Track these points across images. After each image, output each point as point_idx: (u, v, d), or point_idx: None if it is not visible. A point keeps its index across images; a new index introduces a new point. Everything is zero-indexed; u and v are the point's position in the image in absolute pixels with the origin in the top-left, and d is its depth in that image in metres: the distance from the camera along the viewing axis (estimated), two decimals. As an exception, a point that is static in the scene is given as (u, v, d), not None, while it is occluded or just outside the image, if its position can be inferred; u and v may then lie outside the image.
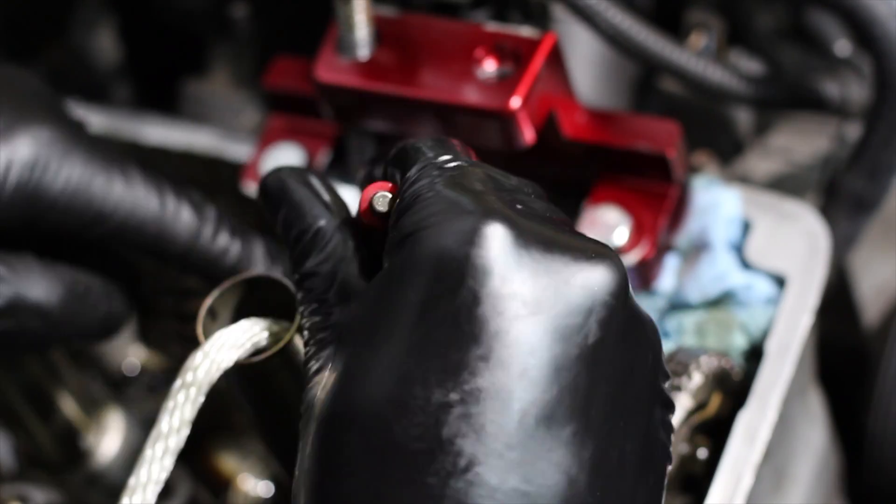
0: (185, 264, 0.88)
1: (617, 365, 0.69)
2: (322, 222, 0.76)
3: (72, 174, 0.84)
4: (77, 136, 0.85)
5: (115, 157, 0.86)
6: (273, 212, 0.78)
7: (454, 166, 0.72)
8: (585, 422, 0.67)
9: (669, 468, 0.71)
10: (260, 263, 0.89)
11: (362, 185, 0.81)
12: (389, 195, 0.75)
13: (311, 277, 0.75)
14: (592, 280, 0.68)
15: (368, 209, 0.75)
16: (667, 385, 0.72)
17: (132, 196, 0.86)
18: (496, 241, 0.67)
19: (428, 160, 0.73)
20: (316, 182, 0.78)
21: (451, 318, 0.67)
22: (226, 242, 0.88)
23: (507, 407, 0.66)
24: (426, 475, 0.65)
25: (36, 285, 0.84)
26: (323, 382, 0.70)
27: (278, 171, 0.79)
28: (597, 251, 0.69)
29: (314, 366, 0.71)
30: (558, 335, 0.67)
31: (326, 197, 0.77)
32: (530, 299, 0.67)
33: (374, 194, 0.75)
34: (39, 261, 0.85)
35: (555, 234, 0.69)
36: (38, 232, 0.85)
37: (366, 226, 0.76)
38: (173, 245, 0.87)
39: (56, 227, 0.85)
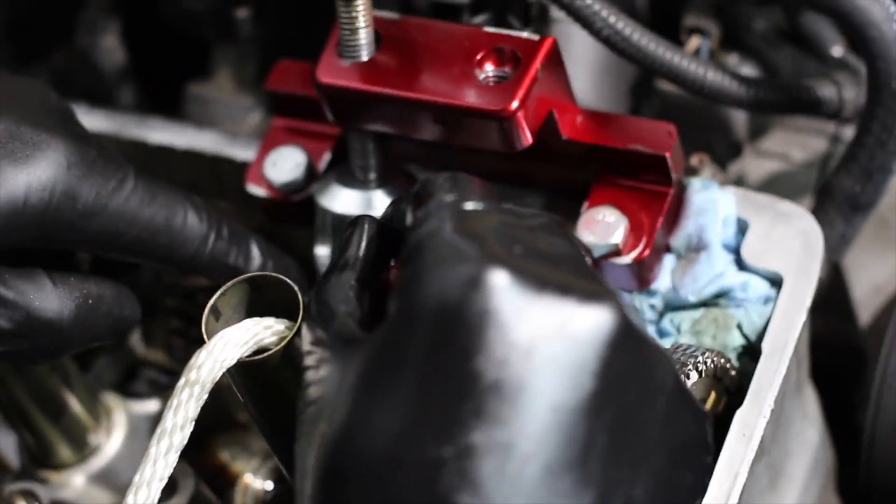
0: (192, 267, 0.89)
1: (618, 413, 0.67)
2: (349, 275, 0.76)
3: (90, 196, 0.84)
4: (93, 155, 0.85)
5: (127, 172, 0.86)
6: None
7: (462, 210, 0.71)
8: (584, 472, 0.66)
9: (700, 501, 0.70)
10: (257, 260, 0.89)
11: (386, 223, 0.81)
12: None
13: (323, 298, 0.75)
14: (585, 329, 0.67)
15: None
16: (704, 423, 0.70)
17: (147, 212, 0.86)
18: (491, 291, 0.66)
19: (440, 201, 0.72)
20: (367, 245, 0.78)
21: (445, 373, 0.66)
22: (227, 243, 0.89)
23: (501, 461, 0.65)
24: None
25: (48, 303, 0.84)
26: (320, 434, 0.69)
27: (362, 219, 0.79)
28: (590, 293, 0.67)
29: (302, 413, 0.72)
30: (552, 387, 0.66)
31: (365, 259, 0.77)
32: (526, 350, 0.66)
33: None
34: (50, 276, 0.85)
35: (549, 276, 0.67)
36: (53, 249, 0.85)
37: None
38: (182, 252, 0.88)
39: (73, 245, 0.85)
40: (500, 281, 0.66)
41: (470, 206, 0.72)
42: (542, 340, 0.66)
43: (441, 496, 0.65)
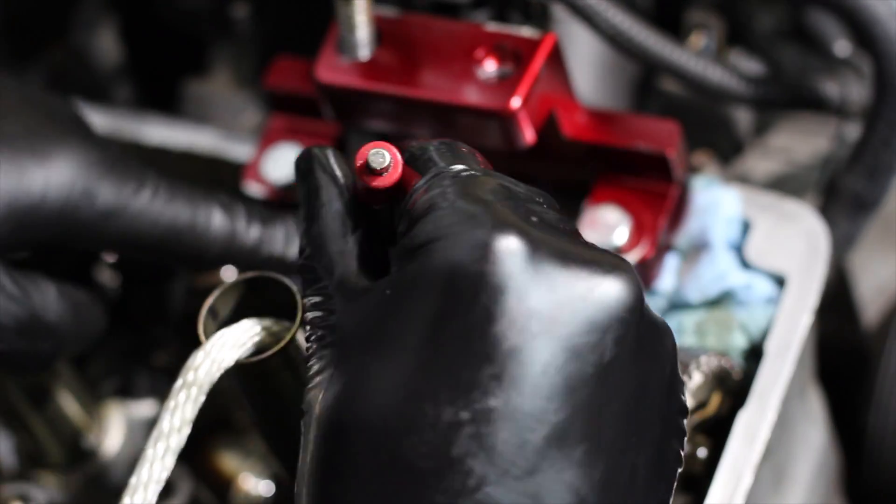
0: (223, 264, 0.89)
1: (631, 381, 0.68)
2: (329, 208, 0.75)
3: (109, 196, 0.84)
4: (112, 156, 0.85)
5: (147, 173, 0.86)
6: (298, 191, 0.78)
7: (467, 175, 0.71)
8: (597, 441, 0.66)
9: (680, 471, 0.71)
10: (293, 248, 0.89)
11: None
12: (387, 153, 0.73)
13: (310, 267, 0.74)
14: (609, 296, 0.67)
15: (364, 167, 0.73)
16: (684, 389, 0.71)
17: (169, 212, 0.85)
18: (510, 255, 0.66)
19: (440, 169, 0.72)
20: (335, 165, 0.77)
21: (464, 336, 0.66)
22: (258, 234, 0.88)
23: (518, 427, 0.65)
24: (434, 493, 0.65)
25: (50, 306, 0.84)
26: (326, 384, 0.69)
27: (308, 151, 0.78)
28: (613, 264, 0.68)
29: (315, 365, 0.71)
30: (573, 354, 0.66)
31: (341, 182, 0.76)
32: (545, 317, 0.66)
33: (371, 150, 0.73)
34: (50, 280, 0.85)
35: (570, 247, 0.68)
36: (70, 252, 0.85)
37: (365, 198, 0.74)
38: (209, 251, 0.87)
39: (94, 246, 0.85)
40: (518, 247, 0.67)
41: (471, 172, 0.72)
42: (564, 307, 0.66)
43: (455, 460, 0.65)
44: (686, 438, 0.71)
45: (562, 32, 0.95)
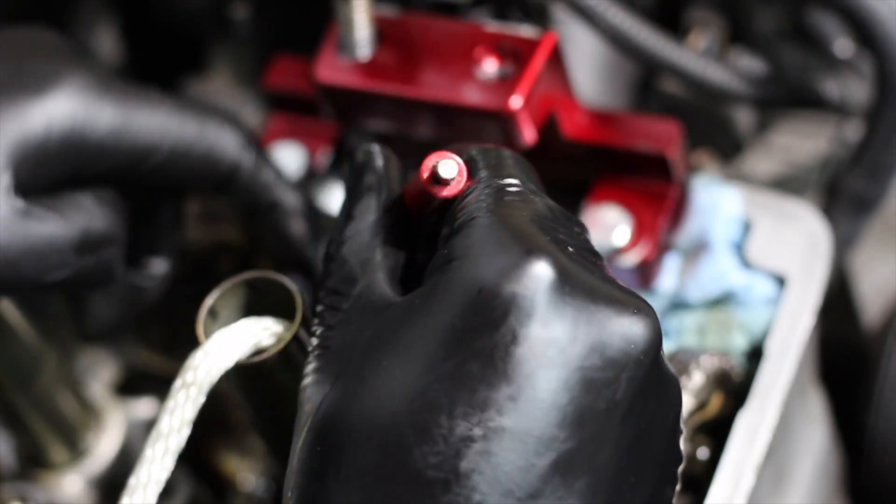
0: (231, 187, 0.88)
1: (639, 422, 0.68)
2: (367, 215, 0.76)
3: (113, 115, 0.83)
4: (106, 77, 0.85)
5: (146, 89, 0.86)
6: (345, 187, 0.78)
7: (513, 192, 0.71)
8: (600, 474, 0.67)
9: None
10: (287, 184, 0.89)
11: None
12: (454, 163, 0.73)
13: (335, 263, 0.74)
14: (630, 336, 0.67)
15: (431, 178, 0.73)
16: (680, 440, 0.71)
17: (176, 122, 0.85)
18: (541, 281, 0.67)
19: (490, 181, 0.72)
20: (387, 170, 0.77)
21: (487, 353, 0.66)
22: (262, 158, 0.88)
23: (527, 450, 0.66)
24: None
25: (95, 215, 0.84)
26: (326, 385, 0.69)
27: (368, 149, 0.78)
28: (638, 307, 0.68)
29: (312, 364, 0.71)
30: (588, 387, 0.67)
31: (390, 187, 0.77)
32: (567, 347, 0.67)
33: (440, 161, 0.73)
34: (83, 191, 0.84)
35: (599, 284, 0.68)
36: (86, 179, 0.85)
37: (420, 206, 0.74)
38: (220, 167, 0.86)
39: (107, 169, 0.85)
40: (551, 275, 0.67)
41: (518, 188, 0.72)
42: (586, 341, 0.67)
43: (462, 474, 0.65)
44: (679, 487, 0.71)
45: (562, 32, 0.95)
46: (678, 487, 0.72)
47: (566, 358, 0.66)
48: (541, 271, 0.67)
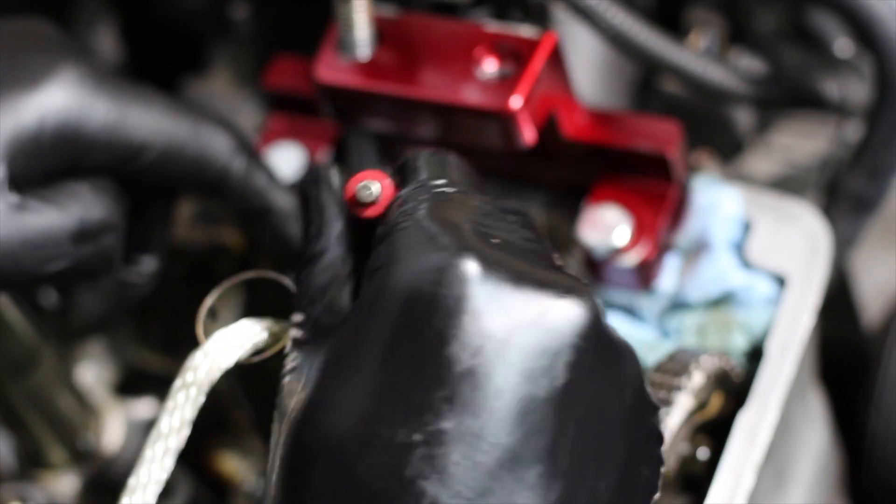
0: (224, 188, 0.88)
1: (588, 405, 0.68)
2: (330, 231, 0.76)
3: (107, 109, 0.83)
4: (101, 71, 0.85)
5: (141, 86, 0.86)
6: (300, 208, 0.78)
7: (441, 192, 0.71)
8: (552, 464, 0.66)
9: (657, 497, 0.70)
10: (280, 185, 0.89)
11: None
12: (377, 184, 0.74)
13: (306, 284, 0.75)
14: (560, 320, 0.67)
15: (354, 200, 0.74)
16: (657, 416, 0.71)
17: (169, 120, 0.85)
18: (466, 280, 0.66)
19: (420, 182, 0.73)
20: (337, 186, 0.78)
21: (417, 358, 0.66)
22: (253, 160, 0.88)
23: (471, 449, 0.65)
24: None
25: (91, 204, 0.84)
26: (295, 397, 0.70)
27: (316, 168, 0.79)
28: (567, 287, 0.68)
29: (288, 377, 0.71)
30: (525, 377, 0.66)
31: (342, 203, 0.77)
32: (498, 340, 0.66)
33: (360, 184, 0.74)
34: (78, 180, 0.84)
35: (526, 269, 0.68)
36: (81, 170, 0.84)
37: (359, 223, 0.75)
38: (213, 167, 0.86)
39: (100, 164, 0.84)
40: (473, 270, 0.67)
41: (450, 189, 0.72)
42: (517, 331, 0.66)
43: (407, 481, 0.65)
44: (663, 466, 0.71)
45: (562, 32, 0.95)
46: (664, 468, 0.71)
47: (498, 351, 0.66)
48: (465, 268, 0.67)
